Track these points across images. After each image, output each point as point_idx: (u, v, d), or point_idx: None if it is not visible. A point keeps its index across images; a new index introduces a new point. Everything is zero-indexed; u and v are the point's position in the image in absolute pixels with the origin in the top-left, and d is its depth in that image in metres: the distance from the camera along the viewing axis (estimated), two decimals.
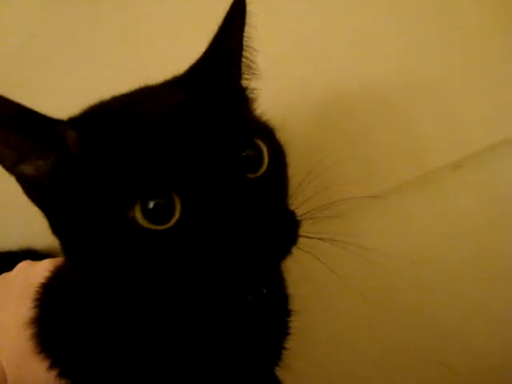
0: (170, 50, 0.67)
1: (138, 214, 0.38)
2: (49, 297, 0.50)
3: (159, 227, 0.38)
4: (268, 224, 0.39)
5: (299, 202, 0.47)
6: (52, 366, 0.47)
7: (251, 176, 0.42)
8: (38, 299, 0.50)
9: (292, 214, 0.44)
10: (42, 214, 0.43)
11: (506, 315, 0.73)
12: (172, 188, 0.38)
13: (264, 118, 0.50)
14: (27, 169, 0.40)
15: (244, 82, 0.50)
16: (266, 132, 0.47)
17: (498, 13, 0.70)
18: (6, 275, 0.56)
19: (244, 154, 0.42)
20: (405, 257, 0.68)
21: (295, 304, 0.55)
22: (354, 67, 0.69)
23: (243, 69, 0.49)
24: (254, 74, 0.49)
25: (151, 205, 0.38)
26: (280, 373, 0.54)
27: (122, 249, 0.39)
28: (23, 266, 0.56)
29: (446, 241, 0.73)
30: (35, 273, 0.53)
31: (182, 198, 0.38)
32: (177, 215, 0.38)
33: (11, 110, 0.37)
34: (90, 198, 0.40)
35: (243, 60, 0.48)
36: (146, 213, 0.38)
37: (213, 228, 0.38)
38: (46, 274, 0.52)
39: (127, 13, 0.70)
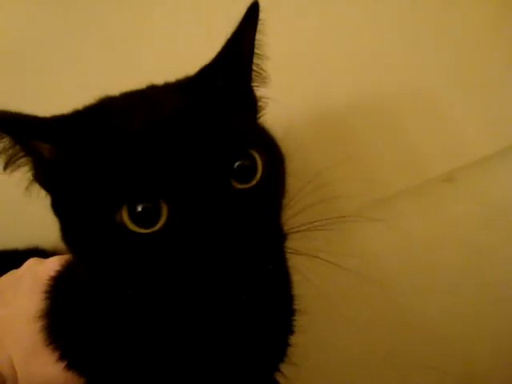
0: (171, 51, 0.68)
1: (124, 217, 0.39)
2: (59, 289, 0.51)
3: (145, 230, 0.39)
4: (246, 236, 0.39)
5: (294, 212, 0.48)
6: (60, 358, 0.48)
7: (241, 186, 0.42)
8: (48, 292, 0.51)
9: (278, 228, 0.45)
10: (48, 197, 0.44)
11: (501, 321, 0.74)
12: (158, 194, 0.39)
13: (266, 127, 0.50)
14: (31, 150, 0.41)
15: (254, 90, 0.50)
16: (264, 142, 0.47)
17: (496, 22, 0.72)
18: (14, 272, 0.57)
19: (237, 163, 0.42)
20: (401, 266, 0.70)
21: (300, 304, 0.56)
22: (352, 78, 0.70)
23: (252, 76, 0.49)
24: (263, 81, 0.50)
25: (139, 208, 0.39)
26: (284, 369, 0.55)
27: (109, 248, 0.41)
28: (31, 262, 0.57)
29: (443, 249, 0.74)
30: (44, 269, 0.54)
31: (169, 204, 0.39)
32: (163, 220, 0.39)
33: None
34: (80, 200, 0.41)
35: (253, 67, 0.49)
36: (133, 216, 0.39)
37: (194, 235, 0.39)
38: (55, 269, 0.53)
39: (128, 12, 0.70)
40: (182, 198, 0.39)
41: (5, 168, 0.41)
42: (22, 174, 0.42)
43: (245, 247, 0.39)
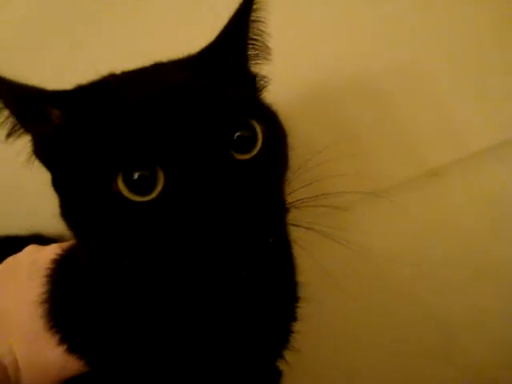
0: (174, 33, 0.68)
1: (120, 185, 0.39)
2: (60, 274, 0.51)
3: (141, 198, 0.39)
4: (245, 206, 0.39)
5: (294, 187, 0.48)
6: (61, 342, 0.47)
7: (241, 157, 0.42)
8: (49, 276, 0.51)
9: (280, 200, 0.44)
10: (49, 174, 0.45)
11: (502, 312, 0.73)
12: (154, 161, 0.39)
13: (267, 102, 0.50)
14: (32, 128, 0.43)
15: (254, 68, 0.50)
16: (265, 114, 0.47)
17: (497, 19, 0.69)
18: (15, 257, 0.57)
19: (237, 134, 0.42)
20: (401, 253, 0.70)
21: (304, 291, 0.55)
22: (353, 66, 0.69)
23: (255, 54, 0.49)
24: (265, 59, 0.49)
25: (135, 176, 0.39)
26: (288, 356, 0.54)
27: (106, 219, 0.41)
28: (31, 249, 0.57)
29: (440, 238, 0.73)
30: (43, 256, 0.54)
31: (165, 171, 0.39)
32: (159, 188, 0.39)
33: (8, 90, 0.41)
34: (79, 170, 0.42)
35: (255, 45, 0.49)
36: (129, 183, 0.39)
37: (191, 204, 0.39)
38: (55, 254, 0.53)
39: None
40: (178, 165, 0.39)
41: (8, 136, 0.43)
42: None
43: (243, 217, 0.39)
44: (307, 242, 0.49)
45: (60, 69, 0.68)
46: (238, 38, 0.48)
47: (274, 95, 0.51)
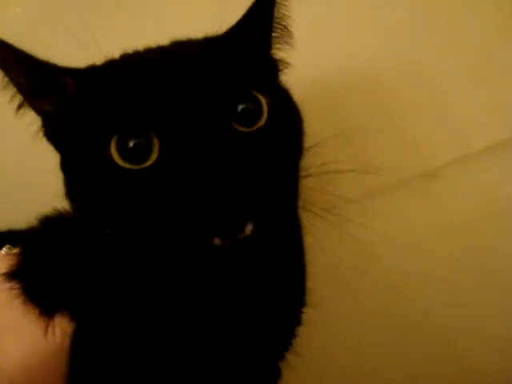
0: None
1: (113, 151, 0.39)
2: (36, 246, 0.50)
3: (133, 167, 0.39)
4: (244, 180, 0.37)
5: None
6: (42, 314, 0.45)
7: (244, 129, 0.40)
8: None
9: (287, 178, 0.42)
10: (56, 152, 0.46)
11: (504, 312, 0.71)
12: (150, 126, 0.38)
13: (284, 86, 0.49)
14: (42, 105, 0.44)
15: (275, 52, 0.49)
16: (274, 89, 0.45)
17: (502, 18, 0.69)
18: None
19: (242, 106, 0.40)
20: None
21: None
22: (355, 63, 0.68)
23: (275, 37, 0.48)
24: (286, 43, 0.48)
25: (130, 144, 0.38)
26: (289, 358, 0.52)
27: (102, 187, 0.40)
28: None
29: (440, 237, 0.71)
30: None
31: (161, 140, 0.38)
32: (154, 156, 0.38)
33: (21, 59, 0.42)
34: (82, 136, 0.42)
35: (278, 28, 0.48)
36: (123, 151, 0.39)
37: (186, 175, 0.37)
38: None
39: None
40: (174, 132, 0.38)
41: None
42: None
43: (239, 190, 0.36)
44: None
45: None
46: (258, 16, 0.47)
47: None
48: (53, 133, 0.46)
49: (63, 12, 0.69)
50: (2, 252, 0.51)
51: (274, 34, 0.48)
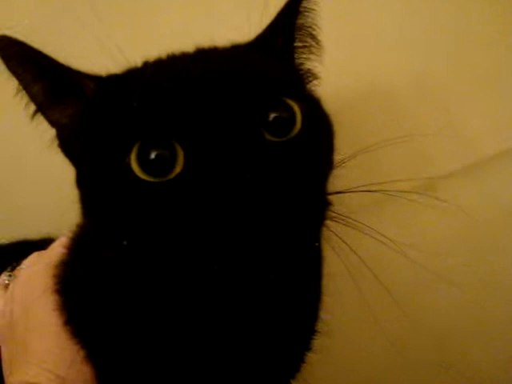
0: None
1: (134, 163, 0.36)
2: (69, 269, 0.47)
3: (157, 179, 0.36)
4: (276, 193, 0.34)
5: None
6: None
7: (276, 139, 0.38)
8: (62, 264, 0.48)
9: (319, 190, 0.40)
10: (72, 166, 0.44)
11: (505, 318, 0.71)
12: (175, 137, 0.36)
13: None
14: (57, 115, 0.42)
15: (303, 61, 0.48)
16: (307, 97, 0.43)
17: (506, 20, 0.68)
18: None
19: (274, 115, 0.38)
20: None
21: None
22: (364, 73, 0.68)
23: (303, 46, 0.47)
24: (316, 54, 0.47)
25: (152, 155, 0.36)
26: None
27: (121, 201, 0.38)
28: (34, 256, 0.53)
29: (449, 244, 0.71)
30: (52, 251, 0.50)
31: (186, 151, 0.36)
32: (178, 169, 0.36)
33: (41, 61, 0.39)
34: (99, 147, 0.40)
35: (303, 36, 0.46)
36: (145, 162, 0.36)
37: (213, 189, 0.34)
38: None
39: None
40: (201, 142, 0.35)
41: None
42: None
43: (271, 204, 0.33)
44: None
45: None
46: (286, 24, 0.45)
47: None
48: (68, 144, 0.43)
49: (71, 20, 0.66)
50: (4, 280, 0.51)
51: (301, 44, 0.46)
